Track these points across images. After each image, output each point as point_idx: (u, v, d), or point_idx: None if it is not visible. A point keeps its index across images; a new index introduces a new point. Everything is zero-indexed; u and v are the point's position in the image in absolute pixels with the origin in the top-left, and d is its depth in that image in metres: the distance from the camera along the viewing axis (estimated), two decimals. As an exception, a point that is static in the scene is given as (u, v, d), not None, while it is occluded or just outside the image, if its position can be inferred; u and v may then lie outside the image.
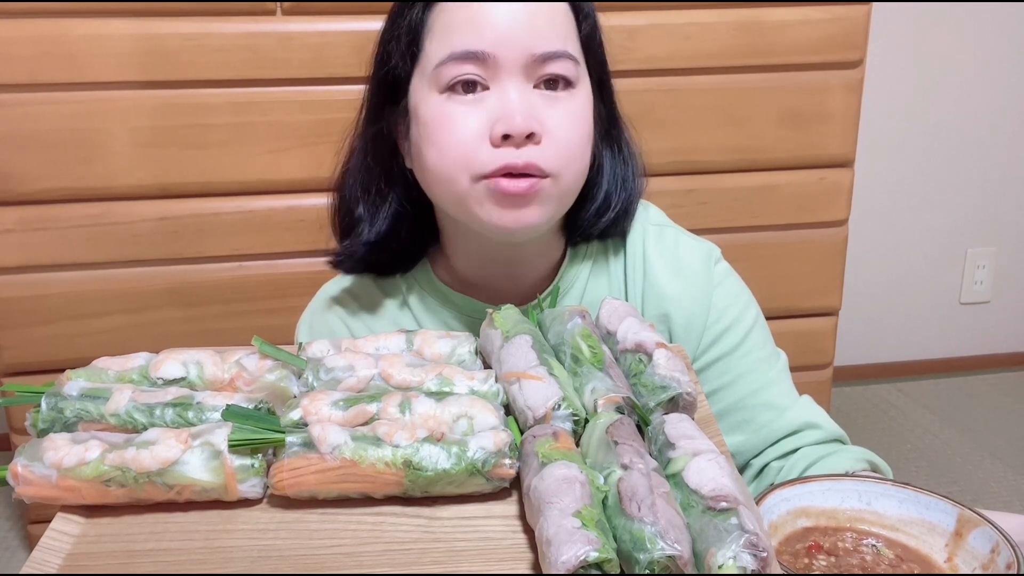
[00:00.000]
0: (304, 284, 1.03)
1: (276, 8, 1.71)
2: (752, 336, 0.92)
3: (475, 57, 0.78)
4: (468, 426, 0.64)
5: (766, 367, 0.91)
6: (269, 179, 1.77)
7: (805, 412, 0.90)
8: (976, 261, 2.84)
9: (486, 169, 0.78)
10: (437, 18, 0.81)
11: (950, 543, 0.65)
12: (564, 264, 0.93)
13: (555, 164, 0.80)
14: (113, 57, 1.66)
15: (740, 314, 0.92)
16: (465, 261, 0.92)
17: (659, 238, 0.94)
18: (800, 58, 1.87)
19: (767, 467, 0.89)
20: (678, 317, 0.91)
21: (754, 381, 0.90)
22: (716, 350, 0.91)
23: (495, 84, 0.79)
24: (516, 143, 0.78)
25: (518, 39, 0.78)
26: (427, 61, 0.81)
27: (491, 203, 0.80)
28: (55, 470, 0.62)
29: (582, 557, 0.51)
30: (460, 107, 0.79)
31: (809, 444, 0.87)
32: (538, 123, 0.79)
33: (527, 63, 0.79)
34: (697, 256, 0.93)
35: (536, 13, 0.80)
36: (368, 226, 0.89)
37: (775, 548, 0.64)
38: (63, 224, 1.74)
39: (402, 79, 0.84)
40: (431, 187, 0.84)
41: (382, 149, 0.88)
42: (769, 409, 0.89)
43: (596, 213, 0.90)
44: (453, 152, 0.79)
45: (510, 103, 0.78)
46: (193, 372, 0.71)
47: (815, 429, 0.88)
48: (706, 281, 0.92)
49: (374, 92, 0.87)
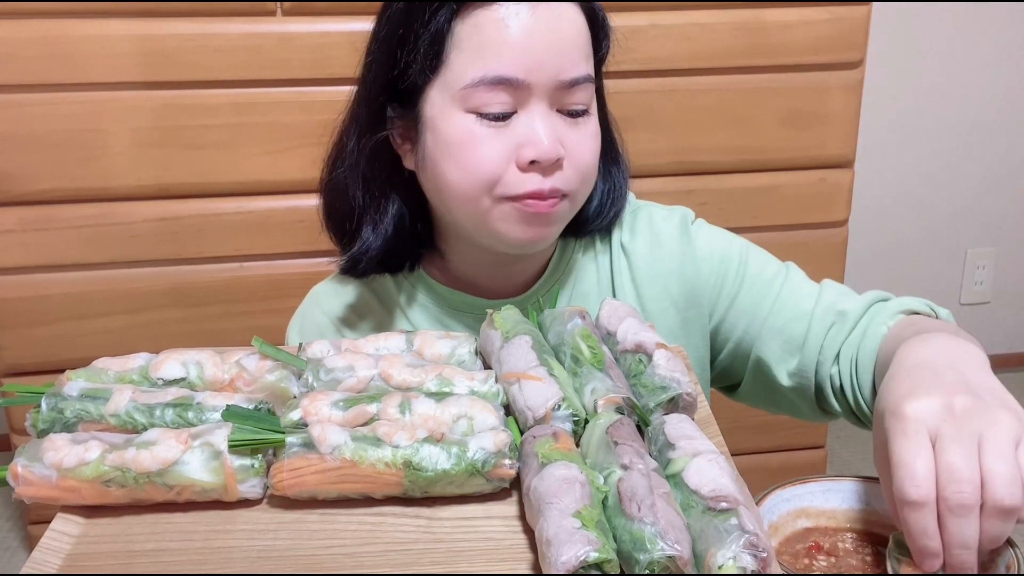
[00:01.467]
0: (304, 284, 1.02)
1: (276, 8, 1.70)
2: (750, 264, 0.93)
3: (509, 84, 0.78)
4: (468, 426, 0.64)
5: (778, 284, 0.92)
6: (269, 179, 1.77)
7: (828, 303, 0.88)
8: (976, 261, 2.84)
9: (513, 192, 0.80)
10: (468, 33, 0.79)
11: (950, 543, 0.65)
12: (553, 259, 0.94)
13: (574, 185, 0.82)
14: (113, 57, 1.66)
15: (727, 252, 0.94)
16: (461, 260, 0.92)
17: (634, 222, 0.96)
18: (800, 58, 1.87)
19: (831, 378, 0.86)
20: (676, 287, 0.93)
21: (773, 303, 0.90)
22: (725, 296, 0.93)
23: (523, 108, 0.80)
24: (543, 168, 0.80)
25: (550, 66, 0.79)
26: (452, 76, 0.79)
27: (515, 222, 0.82)
28: (55, 470, 0.62)
29: (582, 557, 0.51)
30: (488, 130, 0.80)
31: (844, 339, 0.85)
32: (563, 148, 0.80)
33: (555, 88, 0.80)
34: (673, 224, 0.95)
35: (567, 37, 0.80)
36: (373, 230, 0.89)
37: (775, 548, 0.64)
38: (63, 224, 1.74)
39: (418, 86, 0.82)
40: (445, 200, 0.84)
41: (385, 153, 0.87)
42: (798, 320, 0.88)
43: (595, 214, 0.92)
44: (478, 174, 0.80)
45: (538, 130, 0.79)
46: (193, 372, 0.71)
47: (843, 319, 0.86)
48: (688, 242, 0.94)
49: (375, 94, 0.85)
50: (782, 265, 0.95)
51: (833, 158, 1.95)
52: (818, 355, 0.87)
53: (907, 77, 2.60)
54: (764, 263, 0.94)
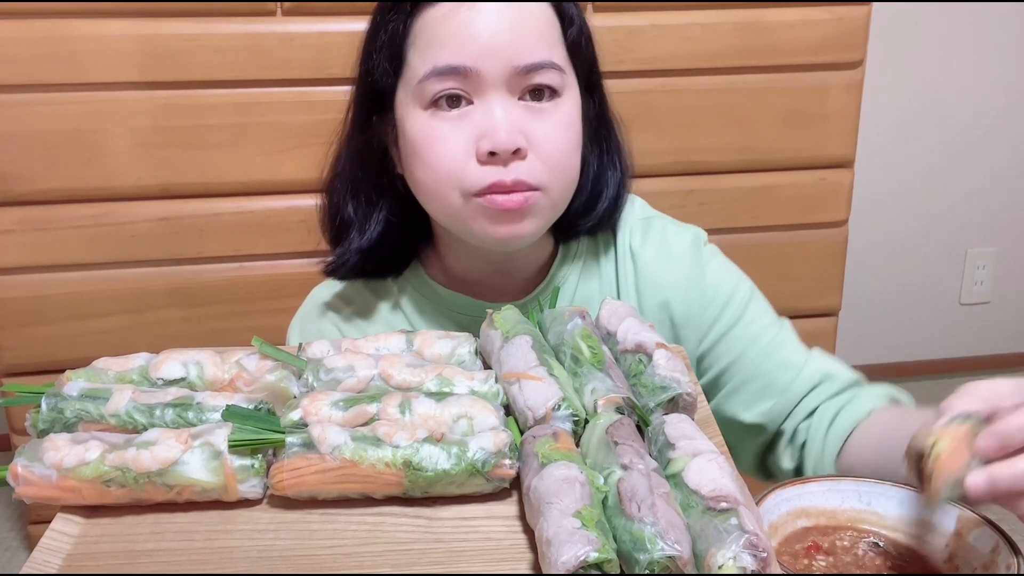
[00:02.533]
0: (304, 284, 1.02)
1: (276, 8, 1.70)
2: (752, 305, 0.93)
3: (457, 72, 0.78)
4: (468, 426, 0.64)
5: (773, 331, 0.92)
6: (269, 179, 1.77)
7: (819, 364, 0.90)
8: (976, 261, 2.84)
9: (476, 187, 0.79)
10: (420, 30, 0.80)
11: (950, 543, 0.65)
12: (556, 262, 0.93)
13: (543, 177, 0.80)
14: (113, 57, 1.66)
15: (735, 287, 0.93)
16: (458, 262, 0.92)
17: (646, 230, 0.95)
18: (800, 58, 1.87)
19: (796, 431, 0.89)
20: (677, 302, 0.92)
21: (765, 346, 0.91)
22: (721, 325, 0.92)
23: (479, 98, 0.79)
24: (503, 159, 0.78)
25: (501, 52, 0.78)
26: (411, 74, 0.80)
27: (485, 219, 0.80)
28: (55, 470, 0.62)
29: (582, 557, 0.51)
30: (445, 124, 0.79)
31: (827, 398, 0.88)
32: (523, 138, 0.78)
33: (511, 75, 0.78)
34: (685, 240, 0.94)
35: (520, 23, 0.79)
36: (359, 233, 0.89)
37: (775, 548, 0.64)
38: (63, 224, 1.74)
39: (387, 90, 0.83)
40: (424, 201, 0.85)
41: (371, 156, 0.87)
42: (786, 369, 0.90)
43: (583, 211, 0.90)
44: (441, 170, 0.80)
45: (494, 119, 0.78)
46: (193, 372, 0.71)
47: (831, 381, 0.89)
48: (697, 263, 0.93)
49: (360, 100, 0.87)
50: (779, 318, 0.95)
51: (833, 158, 1.95)
52: (794, 406, 0.89)
53: (907, 77, 2.60)
54: (764, 310, 0.95)
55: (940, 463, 0.60)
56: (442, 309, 0.93)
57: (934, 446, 0.60)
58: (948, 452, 0.60)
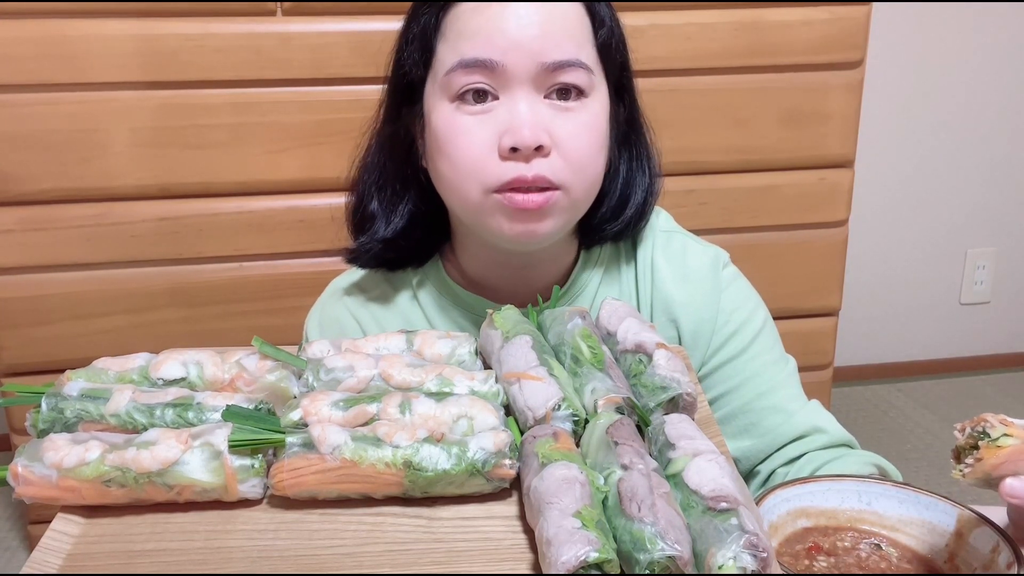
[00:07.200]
0: (304, 284, 1.03)
1: (276, 8, 1.70)
2: (760, 339, 0.92)
3: (484, 65, 0.77)
4: (468, 426, 0.64)
5: (774, 371, 0.91)
6: (269, 179, 1.77)
7: (812, 416, 0.89)
8: (976, 261, 2.84)
9: (497, 183, 0.78)
10: (450, 23, 0.80)
11: (950, 543, 0.65)
12: (576, 268, 0.92)
13: (565, 176, 0.79)
14: (113, 57, 1.66)
15: (748, 318, 0.92)
16: (475, 262, 0.92)
17: (667, 245, 0.93)
18: (800, 58, 1.87)
19: (773, 473, 0.88)
20: (686, 322, 0.91)
21: (762, 384, 0.90)
22: (724, 353, 0.91)
23: (505, 94, 0.79)
24: (525, 156, 0.78)
25: (528, 47, 0.77)
26: (439, 66, 0.81)
27: (503, 216, 0.80)
28: (55, 470, 0.62)
29: (582, 557, 0.51)
30: (469, 118, 0.79)
31: (815, 449, 0.87)
32: (547, 135, 0.78)
33: (537, 72, 0.78)
34: (704, 262, 0.93)
35: (549, 21, 0.78)
36: (384, 223, 0.89)
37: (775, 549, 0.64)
38: (63, 224, 1.74)
39: (417, 83, 0.83)
40: (446, 196, 0.85)
41: (399, 148, 0.88)
42: (776, 412, 0.88)
43: (610, 217, 0.89)
44: (464, 165, 0.79)
45: (519, 115, 0.78)
46: (193, 372, 0.71)
47: (821, 434, 0.88)
48: (713, 286, 0.92)
49: (391, 92, 0.87)
50: (785, 357, 0.94)
51: (833, 158, 1.95)
52: (775, 450, 0.88)
53: (907, 77, 2.60)
54: (771, 347, 0.93)
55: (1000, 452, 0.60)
56: (459, 308, 0.93)
57: (1004, 436, 0.60)
58: (1012, 449, 0.60)
